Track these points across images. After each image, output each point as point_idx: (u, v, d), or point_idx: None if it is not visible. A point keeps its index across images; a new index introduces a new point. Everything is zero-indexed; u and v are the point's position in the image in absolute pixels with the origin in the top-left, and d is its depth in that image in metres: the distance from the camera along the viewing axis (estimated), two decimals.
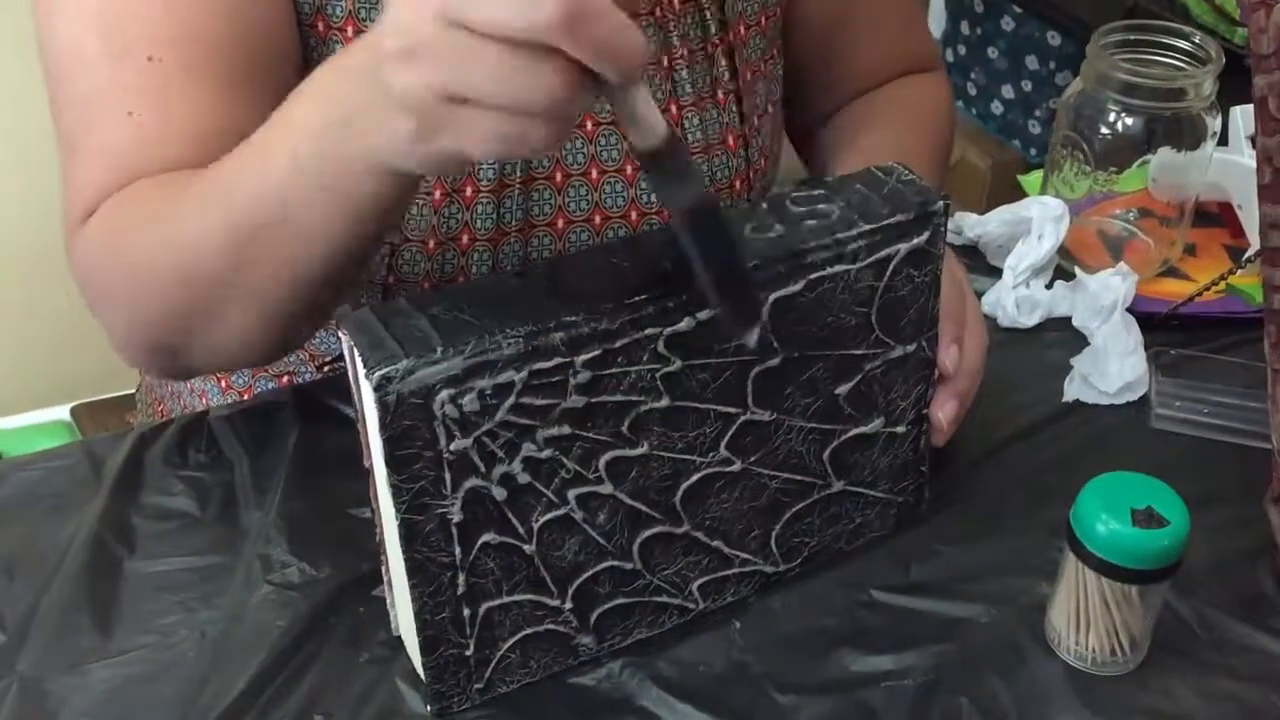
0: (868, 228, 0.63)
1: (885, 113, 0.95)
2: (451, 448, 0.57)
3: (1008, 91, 2.31)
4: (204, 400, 0.90)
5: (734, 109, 0.85)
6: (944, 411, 0.72)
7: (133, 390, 1.06)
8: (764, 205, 0.65)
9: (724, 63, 0.84)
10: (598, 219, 0.81)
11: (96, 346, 0.82)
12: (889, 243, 0.64)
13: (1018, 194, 1.02)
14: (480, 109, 0.50)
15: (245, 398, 0.88)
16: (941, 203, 0.65)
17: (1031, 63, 2.23)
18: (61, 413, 1.91)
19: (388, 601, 0.66)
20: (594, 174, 0.80)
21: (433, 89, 0.50)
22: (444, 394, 0.56)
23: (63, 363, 0.86)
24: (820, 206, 0.64)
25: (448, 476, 0.58)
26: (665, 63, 0.82)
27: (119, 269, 0.69)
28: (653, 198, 0.82)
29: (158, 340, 0.70)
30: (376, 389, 0.54)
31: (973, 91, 2.38)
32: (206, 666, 0.66)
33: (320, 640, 0.67)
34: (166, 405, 0.95)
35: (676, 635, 0.68)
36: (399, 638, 0.67)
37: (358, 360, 0.56)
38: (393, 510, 0.58)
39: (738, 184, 0.87)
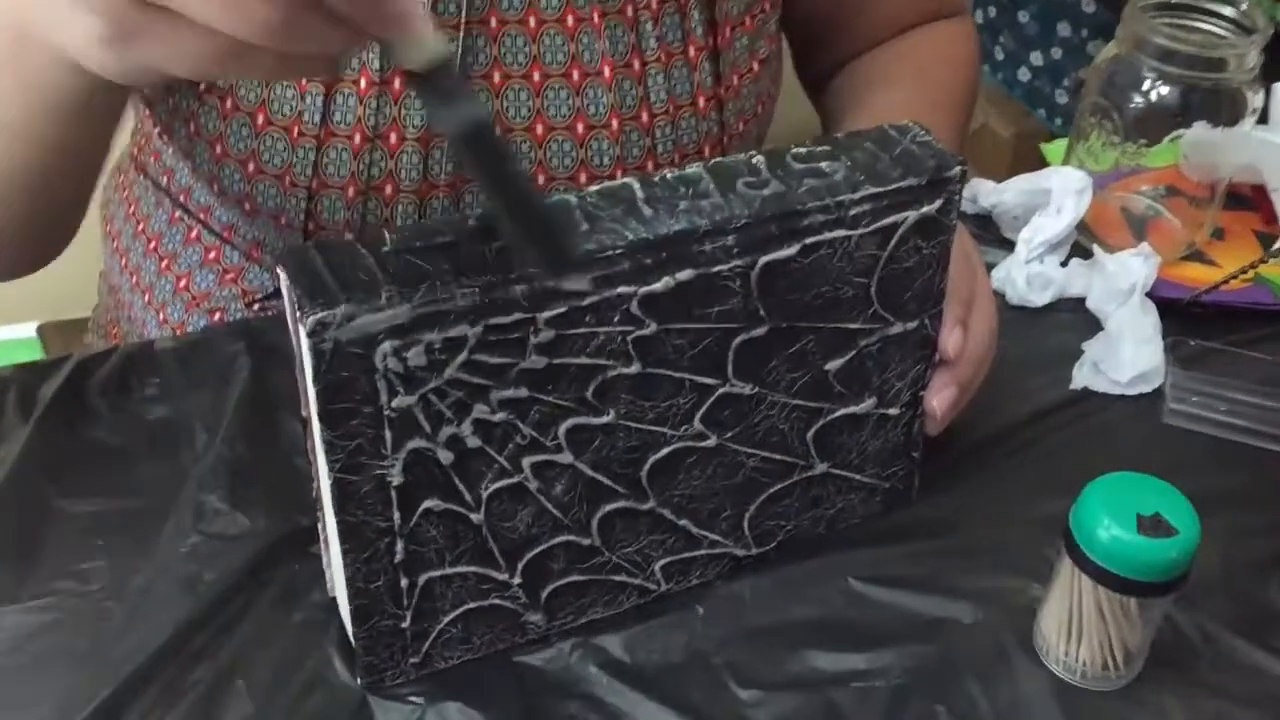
0: (874, 191, 0.58)
1: (901, 66, 0.89)
2: (394, 405, 0.52)
3: (1036, 58, 2.24)
4: (144, 330, 0.85)
5: (714, 116, 0.80)
6: (939, 398, 0.66)
7: None
8: (760, 158, 0.59)
9: (707, 67, 0.78)
10: (541, 179, 0.76)
11: (63, 262, 0.79)
12: (896, 209, 0.59)
13: (1042, 165, 0.97)
14: (181, 22, 0.43)
15: (178, 334, 0.83)
16: (958, 168, 0.60)
17: (1063, 29, 2.17)
18: (28, 330, 1.85)
19: (324, 561, 0.62)
20: (539, 130, 0.74)
21: None
22: (387, 345, 0.50)
23: (28, 278, 0.82)
24: (823, 164, 0.59)
25: (388, 435, 0.53)
26: (636, 67, 0.75)
27: None
28: (603, 159, 0.76)
29: None
30: (310, 334, 0.49)
31: (1000, 56, 2.32)
32: (124, 618, 0.61)
33: (249, 597, 0.63)
34: (121, 329, 0.90)
35: (634, 617, 0.64)
36: (334, 600, 0.62)
37: (294, 302, 0.50)
38: (326, 468, 0.53)
39: None
